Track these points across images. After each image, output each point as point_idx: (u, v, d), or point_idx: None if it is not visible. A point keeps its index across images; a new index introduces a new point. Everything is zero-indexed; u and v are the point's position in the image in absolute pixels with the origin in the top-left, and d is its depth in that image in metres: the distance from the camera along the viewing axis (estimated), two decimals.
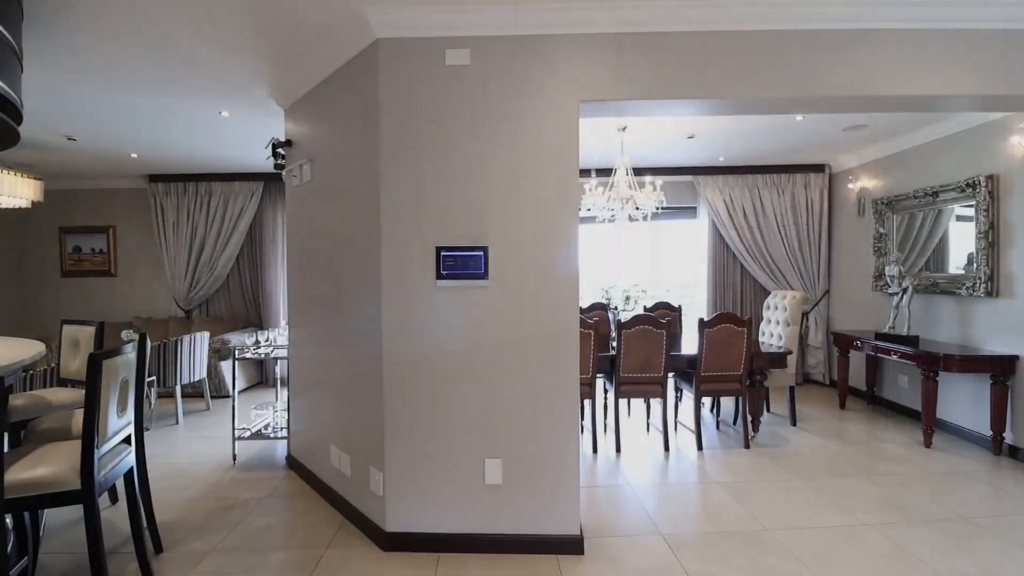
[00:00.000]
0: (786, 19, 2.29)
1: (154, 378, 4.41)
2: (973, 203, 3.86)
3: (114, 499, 2.98)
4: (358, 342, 2.61)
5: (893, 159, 4.82)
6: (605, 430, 4.24)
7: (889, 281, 4.40)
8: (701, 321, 3.76)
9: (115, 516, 2.77)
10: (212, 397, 5.21)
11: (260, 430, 3.66)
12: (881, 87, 2.33)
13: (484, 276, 2.35)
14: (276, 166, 3.42)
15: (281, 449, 3.77)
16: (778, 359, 4.00)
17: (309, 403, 3.20)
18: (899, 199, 4.65)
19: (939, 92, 2.33)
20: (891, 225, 4.81)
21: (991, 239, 3.72)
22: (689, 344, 4.25)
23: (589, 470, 3.43)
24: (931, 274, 4.33)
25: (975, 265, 3.86)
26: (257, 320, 6.14)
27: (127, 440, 2.25)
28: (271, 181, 5.93)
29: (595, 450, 3.74)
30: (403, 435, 2.41)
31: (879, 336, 4.35)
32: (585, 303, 5.21)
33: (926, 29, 2.31)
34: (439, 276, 2.36)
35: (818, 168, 5.74)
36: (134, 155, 5.02)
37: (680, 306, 5.15)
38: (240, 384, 5.50)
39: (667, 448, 3.79)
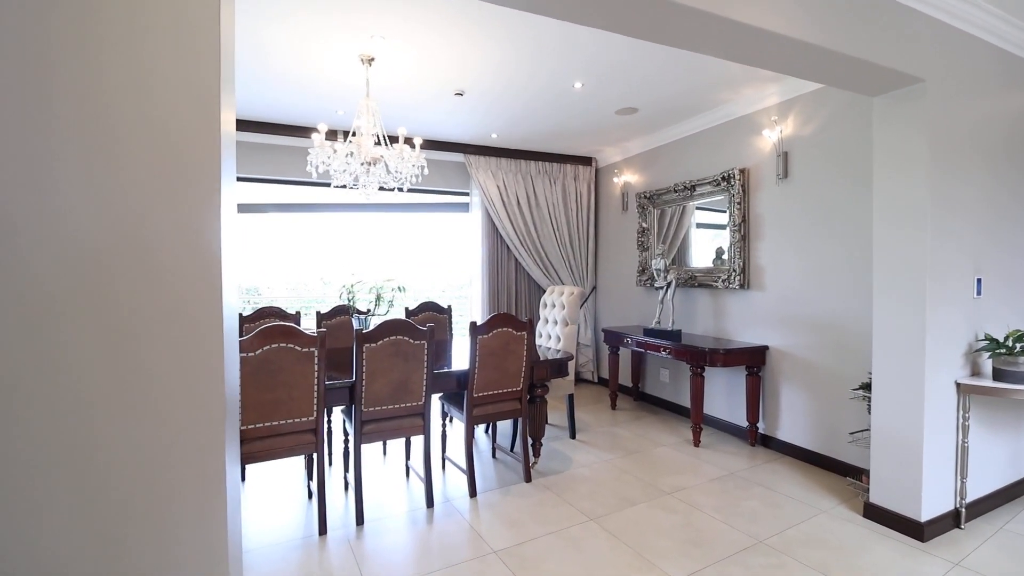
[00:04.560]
0: None
1: None
2: (727, 196, 3.86)
3: None
4: None
5: (655, 153, 4.78)
6: (346, 488, 3.01)
7: (655, 275, 4.26)
8: (473, 326, 2.86)
9: None
10: None
11: None
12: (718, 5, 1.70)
13: None
14: None
15: None
16: (560, 366, 3.37)
17: None
18: (660, 193, 4.59)
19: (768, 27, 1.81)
20: (652, 219, 4.77)
21: (743, 232, 3.73)
22: (460, 355, 3.34)
23: None
24: (687, 268, 4.33)
25: (729, 258, 3.88)
26: None
27: None
28: None
29: (323, 531, 2.46)
30: None
31: (647, 332, 4.15)
32: (326, 307, 3.89)
33: None
34: None
35: (586, 161, 5.56)
36: None
37: (450, 307, 4.24)
38: None
39: (431, 503, 2.75)
